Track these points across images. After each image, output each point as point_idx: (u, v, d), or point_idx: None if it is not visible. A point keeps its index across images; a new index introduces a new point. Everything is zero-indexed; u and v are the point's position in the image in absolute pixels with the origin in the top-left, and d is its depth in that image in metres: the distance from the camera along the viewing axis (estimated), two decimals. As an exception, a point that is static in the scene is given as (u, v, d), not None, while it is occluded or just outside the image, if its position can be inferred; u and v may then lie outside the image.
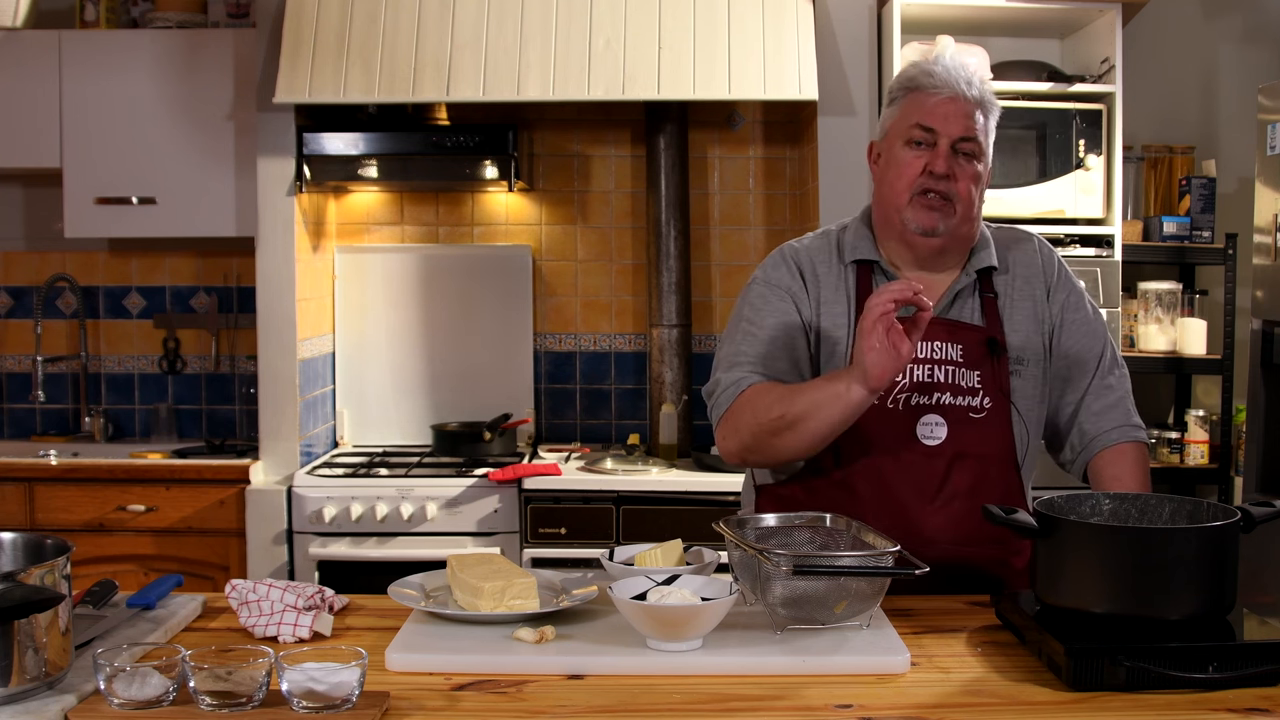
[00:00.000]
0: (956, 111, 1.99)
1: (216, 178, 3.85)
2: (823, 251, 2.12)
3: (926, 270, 2.07)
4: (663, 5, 3.59)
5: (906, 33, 3.61)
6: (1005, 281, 2.09)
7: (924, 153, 2.00)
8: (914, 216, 2.02)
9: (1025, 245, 2.14)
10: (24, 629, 1.40)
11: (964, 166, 2.00)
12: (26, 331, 4.22)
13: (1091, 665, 1.50)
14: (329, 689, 1.39)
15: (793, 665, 1.58)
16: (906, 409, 2.00)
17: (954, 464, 1.99)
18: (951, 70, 2.01)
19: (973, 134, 1.99)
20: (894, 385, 2.00)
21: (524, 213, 4.19)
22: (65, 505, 3.63)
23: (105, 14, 4.01)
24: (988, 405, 2.00)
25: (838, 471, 2.03)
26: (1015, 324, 2.06)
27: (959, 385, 2.00)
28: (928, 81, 2.01)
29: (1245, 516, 1.62)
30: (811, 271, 2.10)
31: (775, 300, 2.09)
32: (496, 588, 1.72)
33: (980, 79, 2.04)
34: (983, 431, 2.00)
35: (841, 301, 2.07)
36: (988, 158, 2.04)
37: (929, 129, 2.00)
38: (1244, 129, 3.68)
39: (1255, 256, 3.33)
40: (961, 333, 2.03)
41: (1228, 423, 3.69)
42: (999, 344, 2.03)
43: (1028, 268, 2.11)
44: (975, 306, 2.06)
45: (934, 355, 2.01)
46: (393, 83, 3.53)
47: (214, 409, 4.27)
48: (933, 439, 2.00)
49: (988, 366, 2.01)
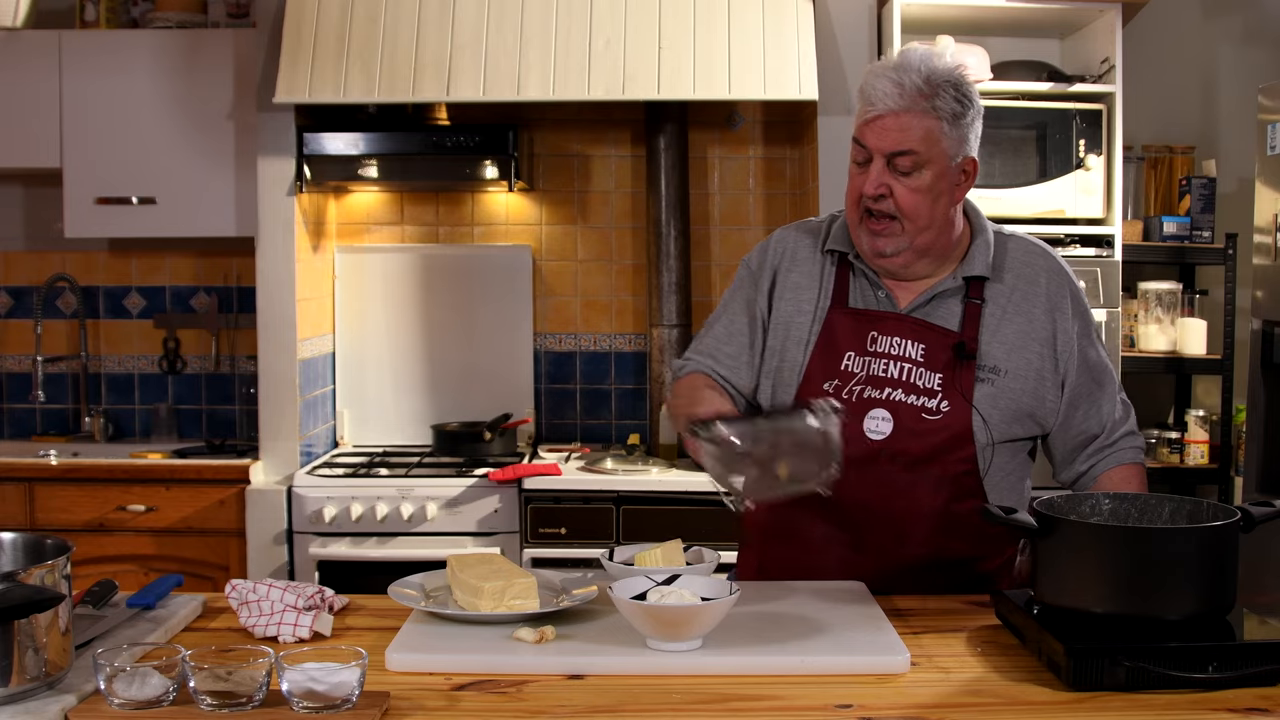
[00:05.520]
0: (888, 126, 1.91)
1: (216, 178, 3.85)
2: (811, 235, 2.13)
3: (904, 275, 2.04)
4: (663, 5, 3.59)
5: (906, 33, 3.61)
6: (1000, 291, 2.02)
7: (862, 172, 1.96)
8: (863, 240, 1.99)
9: (1032, 258, 2.06)
10: (24, 629, 1.40)
11: (902, 181, 1.93)
12: (26, 331, 4.22)
13: (1091, 665, 1.50)
14: (329, 689, 1.39)
15: (793, 665, 1.58)
16: (858, 401, 1.98)
17: (893, 461, 1.97)
18: (894, 75, 1.91)
19: (905, 147, 1.91)
20: (850, 376, 1.99)
21: (524, 213, 4.19)
22: (65, 505, 3.63)
23: (105, 14, 4.01)
24: (945, 408, 1.96)
25: None
26: (1002, 335, 2.00)
27: (914, 384, 1.97)
28: (866, 92, 1.94)
29: (1245, 516, 1.62)
30: (791, 257, 2.10)
31: (743, 285, 2.14)
32: (496, 588, 1.72)
33: (936, 78, 1.92)
34: (932, 433, 1.96)
35: (813, 288, 2.06)
36: (945, 165, 1.93)
37: (863, 145, 1.95)
38: (1244, 129, 3.68)
39: (1255, 256, 3.33)
40: (928, 334, 1.99)
41: (1228, 423, 3.68)
42: (967, 350, 1.98)
43: (1030, 282, 2.04)
44: (955, 310, 2.02)
45: (892, 351, 1.99)
46: (393, 83, 3.53)
47: (214, 409, 4.27)
48: (877, 434, 1.97)
49: (953, 371, 1.97)
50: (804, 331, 2.04)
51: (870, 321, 2.01)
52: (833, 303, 2.04)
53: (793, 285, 2.08)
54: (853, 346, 2.00)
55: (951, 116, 1.92)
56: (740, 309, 2.13)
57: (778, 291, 2.09)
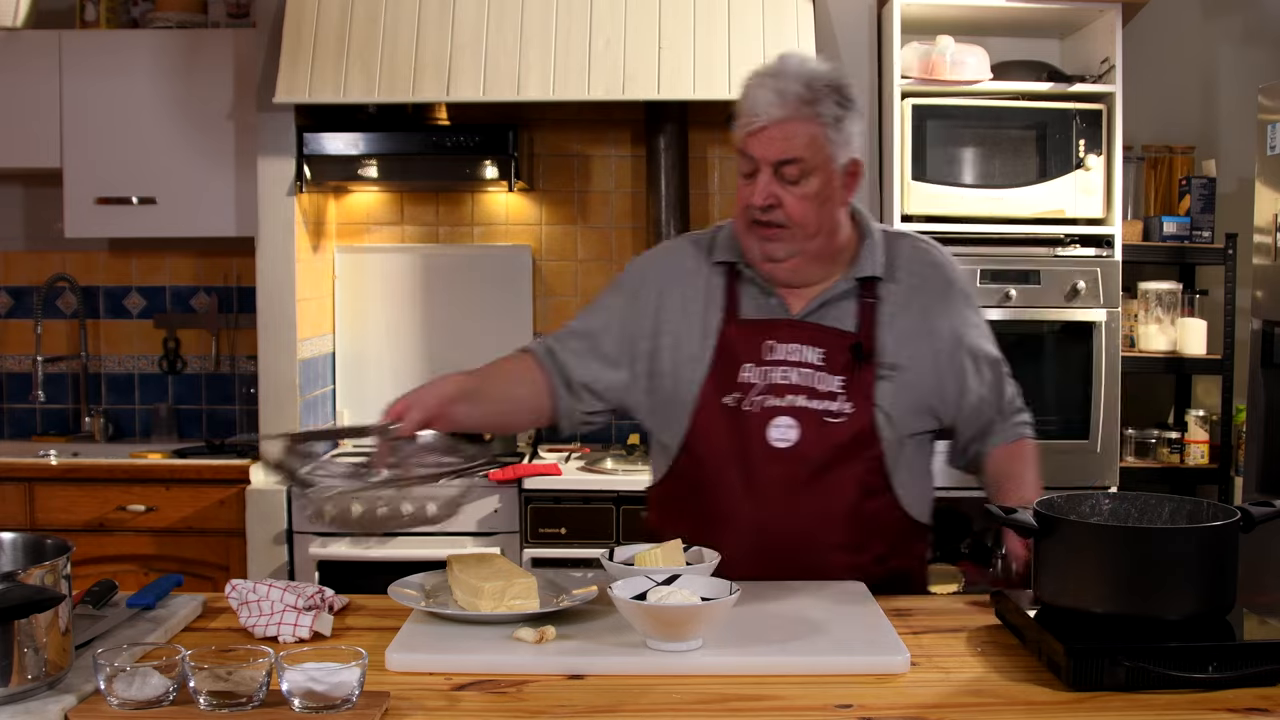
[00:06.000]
0: (773, 135, 1.89)
1: (216, 178, 3.85)
2: (697, 247, 2.10)
3: (794, 282, 2.03)
4: (663, 5, 3.59)
5: (906, 33, 3.61)
6: (892, 289, 2.03)
7: (749, 182, 1.94)
8: (752, 246, 1.98)
9: (921, 255, 2.08)
10: (24, 629, 1.40)
11: (791, 188, 1.91)
12: (26, 331, 4.22)
13: (1091, 665, 1.50)
14: (329, 689, 1.39)
15: (793, 665, 1.58)
16: (761, 411, 1.97)
17: (801, 467, 1.97)
18: (774, 84, 1.89)
19: (791, 155, 1.90)
20: (749, 387, 1.98)
21: (524, 213, 4.19)
22: (65, 505, 3.63)
23: (105, 14, 4.01)
24: (848, 410, 1.96)
25: (693, 473, 2.03)
26: (895, 331, 2.00)
27: (816, 389, 1.97)
28: (744, 105, 1.92)
29: (1245, 516, 1.62)
30: (677, 272, 2.07)
31: (619, 295, 2.12)
32: (496, 588, 1.72)
33: (816, 84, 1.90)
34: (838, 436, 1.96)
35: (701, 302, 2.04)
36: (830, 169, 1.93)
37: (749, 156, 1.93)
38: (1244, 129, 3.68)
39: (1255, 256, 3.33)
40: (824, 337, 1.99)
41: (1228, 423, 3.68)
42: (864, 349, 1.98)
43: (920, 277, 2.04)
44: (849, 311, 2.01)
45: (790, 358, 1.98)
46: (393, 83, 3.53)
47: (214, 409, 4.27)
48: (783, 441, 1.96)
49: (853, 372, 1.97)
50: (696, 348, 2.02)
51: (765, 330, 2.00)
52: (725, 315, 2.02)
53: (679, 303, 2.05)
54: (750, 357, 1.99)
55: (834, 120, 1.91)
56: (615, 317, 2.09)
57: (665, 310, 2.05)
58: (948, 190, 3.57)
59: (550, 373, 2.09)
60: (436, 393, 1.97)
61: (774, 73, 1.91)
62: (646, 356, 2.06)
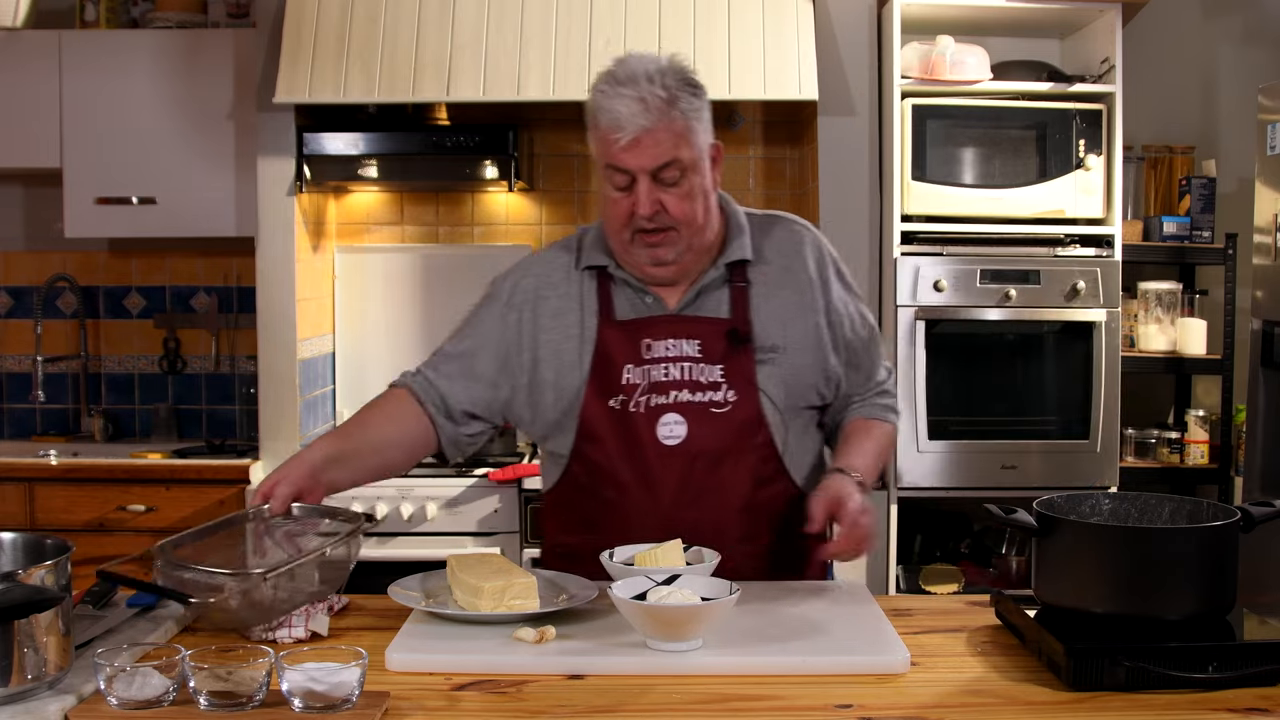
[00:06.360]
0: (645, 144, 1.87)
1: (216, 178, 3.85)
2: (565, 254, 2.08)
3: (680, 279, 2.02)
4: (663, 5, 3.59)
5: (906, 33, 3.61)
6: (762, 271, 2.02)
7: (627, 194, 1.91)
8: (641, 254, 1.96)
9: (791, 235, 2.07)
10: (24, 629, 1.40)
11: (672, 190, 1.90)
12: (26, 331, 4.22)
13: (1091, 665, 1.50)
14: (329, 689, 1.39)
15: (793, 665, 1.58)
16: (648, 410, 1.97)
17: (695, 462, 1.96)
18: (632, 93, 1.86)
19: (668, 158, 1.88)
20: (633, 388, 1.97)
21: (524, 213, 4.19)
22: (65, 505, 3.63)
23: (105, 14, 4.01)
24: (732, 398, 1.96)
25: (586, 478, 2.02)
26: (770, 312, 2.00)
27: (697, 381, 1.96)
28: (605, 120, 1.88)
29: (1245, 516, 1.62)
30: (546, 283, 2.05)
31: (492, 309, 2.08)
32: (496, 588, 1.72)
33: (670, 82, 1.88)
34: (726, 425, 1.96)
35: (574, 311, 2.02)
36: (702, 161, 1.93)
37: (623, 170, 1.90)
38: (1244, 129, 3.68)
39: (1255, 256, 3.33)
40: (698, 327, 1.98)
41: (1228, 423, 3.68)
42: (740, 334, 1.98)
43: (791, 257, 2.04)
44: (723, 298, 2.01)
45: (669, 353, 1.98)
46: (393, 83, 3.53)
47: (214, 409, 4.27)
48: (672, 438, 1.96)
49: (731, 358, 1.97)
50: (574, 355, 2.01)
51: (641, 329, 1.99)
52: (600, 318, 2.01)
53: (552, 312, 2.04)
54: (629, 359, 1.98)
55: (694, 112, 1.91)
56: (485, 337, 2.08)
57: (539, 321, 2.04)
58: (948, 190, 3.57)
59: (427, 403, 2.07)
60: (303, 463, 1.91)
61: (624, 79, 1.88)
62: (526, 370, 2.04)
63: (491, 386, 2.07)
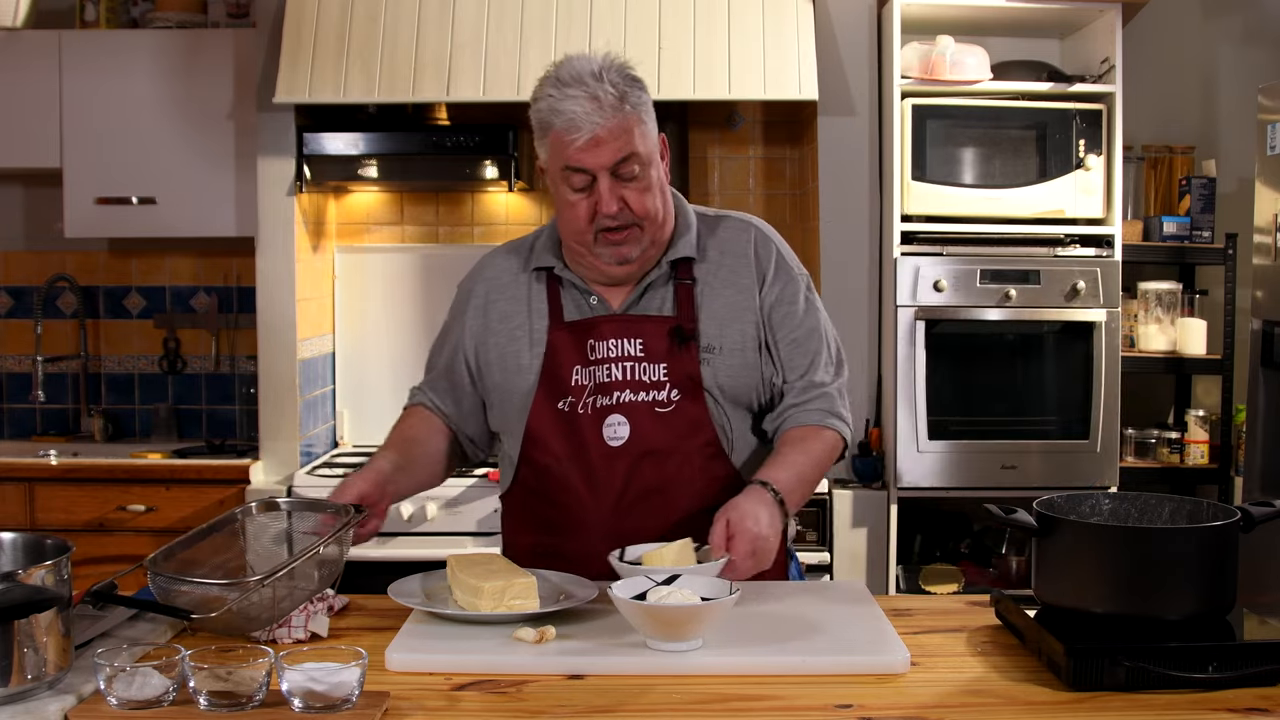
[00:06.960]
0: (603, 141, 1.86)
1: (216, 178, 3.85)
2: (516, 256, 2.09)
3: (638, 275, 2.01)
4: (663, 5, 3.59)
5: (906, 33, 3.61)
6: (706, 269, 2.02)
7: (587, 195, 1.91)
8: (605, 254, 1.95)
9: (738, 232, 2.06)
10: (24, 629, 1.40)
11: (631, 186, 1.90)
12: (26, 331, 4.22)
13: (1091, 665, 1.50)
14: (329, 689, 1.39)
15: (793, 665, 1.58)
16: (594, 412, 1.97)
17: (640, 462, 1.95)
18: (583, 93, 1.86)
19: (626, 153, 1.88)
20: (580, 389, 1.97)
21: (524, 213, 4.19)
22: (65, 505, 3.63)
23: (105, 14, 4.01)
24: (676, 397, 1.96)
25: (535, 481, 2.03)
26: (713, 311, 1.99)
27: (640, 381, 1.96)
28: (560, 122, 1.87)
29: (1245, 516, 1.62)
30: (495, 286, 2.07)
31: (456, 317, 2.12)
32: (496, 588, 1.72)
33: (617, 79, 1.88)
34: (670, 425, 1.96)
35: (522, 313, 2.03)
36: (654, 155, 1.94)
37: (583, 170, 1.89)
38: (1244, 129, 3.68)
39: (1255, 256, 3.33)
40: (642, 326, 1.98)
41: (1228, 423, 3.68)
42: (685, 331, 1.97)
43: (736, 256, 2.03)
44: (667, 296, 2.00)
45: (610, 354, 1.97)
46: (393, 83, 3.53)
47: (214, 409, 4.27)
48: (616, 439, 1.96)
49: (675, 357, 1.96)
50: (525, 358, 2.01)
51: (586, 330, 1.99)
52: (550, 321, 2.01)
53: (500, 315, 2.05)
54: (576, 360, 1.98)
55: (644, 107, 1.92)
56: (454, 345, 2.11)
57: (490, 324, 2.05)
58: (948, 190, 3.57)
59: (440, 418, 2.12)
60: (374, 472, 1.94)
61: (570, 80, 1.88)
62: (483, 372, 2.06)
63: (474, 393, 2.11)
